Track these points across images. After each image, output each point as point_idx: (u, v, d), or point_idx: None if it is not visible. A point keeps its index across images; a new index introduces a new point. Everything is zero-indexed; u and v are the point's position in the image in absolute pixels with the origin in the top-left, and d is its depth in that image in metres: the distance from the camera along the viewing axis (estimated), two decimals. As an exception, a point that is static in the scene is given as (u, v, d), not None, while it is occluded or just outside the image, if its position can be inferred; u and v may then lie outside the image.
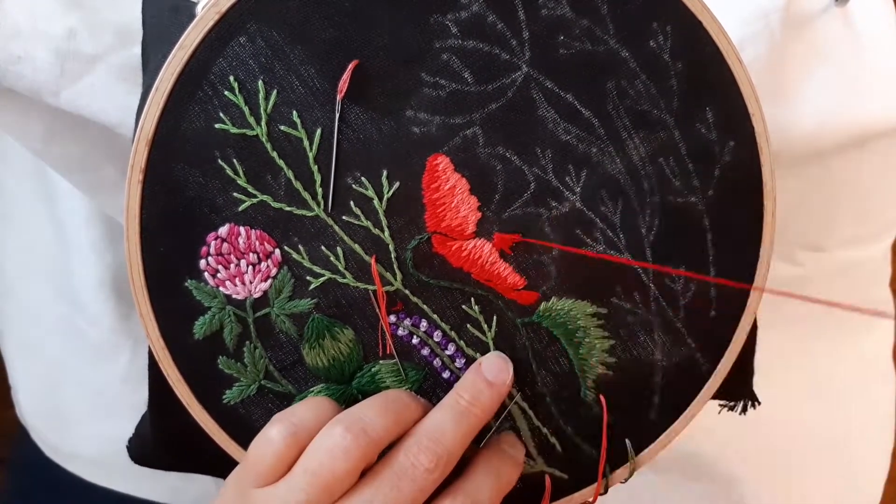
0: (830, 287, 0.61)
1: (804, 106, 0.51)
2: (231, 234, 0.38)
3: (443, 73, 0.38)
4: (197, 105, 0.37)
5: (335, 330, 0.40)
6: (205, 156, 0.38)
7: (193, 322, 0.39)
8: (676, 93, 0.39)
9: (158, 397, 0.42)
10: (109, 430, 0.60)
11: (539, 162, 0.39)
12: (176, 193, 0.38)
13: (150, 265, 0.39)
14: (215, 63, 0.37)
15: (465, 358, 0.41)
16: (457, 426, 0.37)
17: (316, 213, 0.38)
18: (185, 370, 0.40)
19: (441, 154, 0.38)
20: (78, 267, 0.60)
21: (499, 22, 0.37)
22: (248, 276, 0.39)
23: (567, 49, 0.38)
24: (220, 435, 0.41)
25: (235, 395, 0.40)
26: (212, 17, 0.37)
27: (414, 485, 0.36)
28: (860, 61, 0.52)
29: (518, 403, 0.41)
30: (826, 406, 0.64)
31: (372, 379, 0.40)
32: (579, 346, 0.41)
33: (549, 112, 0.38)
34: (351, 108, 0.38)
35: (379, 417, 0.37)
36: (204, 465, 0.44)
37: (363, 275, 0.39)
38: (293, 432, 0.37)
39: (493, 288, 0.40)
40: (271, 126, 0.37)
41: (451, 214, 0.39)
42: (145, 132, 0.37)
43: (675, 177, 0.40)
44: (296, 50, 0.37)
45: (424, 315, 0.40)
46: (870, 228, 0.61)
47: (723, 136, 0.40)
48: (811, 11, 0.51)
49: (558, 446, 0.42)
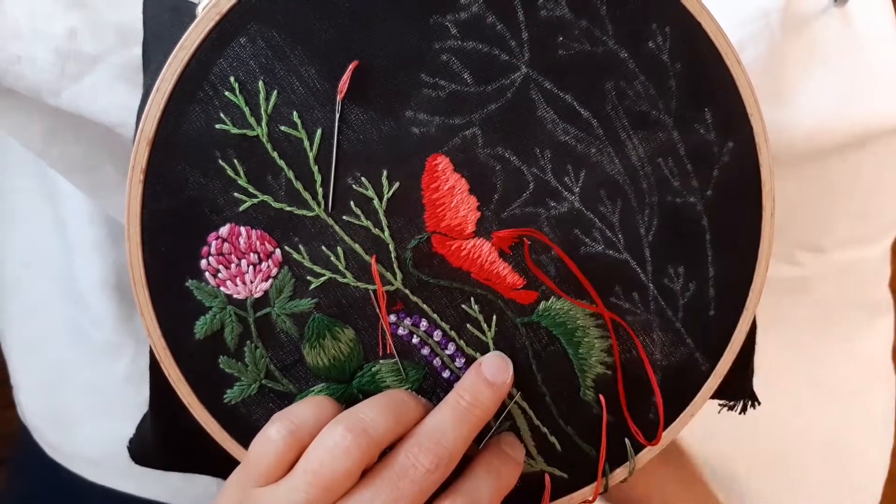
0: (830, 287, 0.62)
1: (804, 106, 0.51)
2: (232, 234, 0.39)
3: (442, 74, 0.38)
4: (198, 105, 0.37)
5: (336, 329, 0.40)
6: (205, 156, 0.38)
7: (194, 322, 0.39)
8: (675, 93, 0.39)
9: (160, 397, 0.42)
10: (111, 429, 0.60)
11: (538, 162, 0.39)
12: (177, 194, 0.38)
13: (152, 265, 0.39)
14: (216, 63, 0.37)
15: (465, 357, 0.41)
16: (457, 426, 0.37)
17: (316, 213, 0.39)
18: (186, 370, 0.40)
19: (441, 154, 0.38)
20: (80, 267, 0.60)
21: (498, 23, 0.37)
22: (248, 276, 0.39)
23: (566, 50, 0.38)
24: (221, 435, 0.41)
25: (236, 394, 0.40)
26: (212, 17, 0.37)
27: (414, 485, 0.36)
28: (860, 61, 0.52)
29: (518, 403, 0.41)
30: (826, 406, 0.64)
31: (372, 378, 0.41)
32: (579, 346, 0.41)
33: (548, 112, 0.38)
34: (351, 109, 0.38)
35: (380, 417, 0.37)
36: (205, 465, 0.44)
37: (363, 274, 0.39)
38: (292, 431, 0.37)
39: (493, 287, 0.40)
40: (272, 126, 0.38)
41: (451, 214, 0.39)
42: (146, 132, 0.37)
43: (674, 177, 0.40)
44: (296, 50, 0.37)
45: (424, 314, 0.40)
46: (869, 228, 0.61)
47: (721, 136, 0.40)
48: (810, 12, 0.51)
49: (558, 446, 0.42)
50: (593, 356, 0.41)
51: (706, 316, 0.41)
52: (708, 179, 0.40)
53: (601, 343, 0.41)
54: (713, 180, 0.40)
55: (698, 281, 0.41)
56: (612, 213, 0.40)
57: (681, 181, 0.40)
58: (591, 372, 0.41)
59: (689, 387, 0.42)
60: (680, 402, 0.42)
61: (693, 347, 0.42)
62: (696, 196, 0.40)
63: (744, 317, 0.42)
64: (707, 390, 0.42)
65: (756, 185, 0.41)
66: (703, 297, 0.41)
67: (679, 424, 0.43)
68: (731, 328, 0.42)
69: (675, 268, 0.41)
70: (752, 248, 0.41)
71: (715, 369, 0.42)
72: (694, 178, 0.40)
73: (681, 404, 0.42)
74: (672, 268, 0.41)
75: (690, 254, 0.41)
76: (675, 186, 0.40)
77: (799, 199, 0.55)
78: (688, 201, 0.40)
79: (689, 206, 0.40)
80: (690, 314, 0.41)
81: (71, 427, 0.64)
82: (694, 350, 0.42)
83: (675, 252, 0.40)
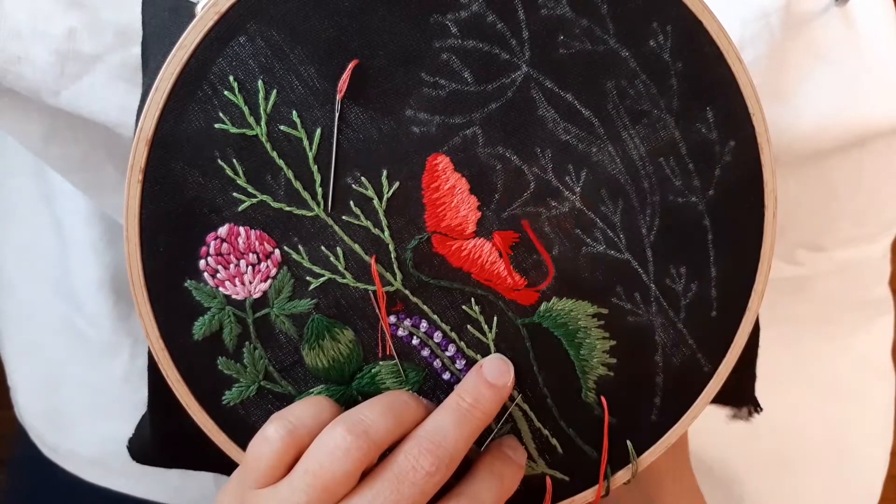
0: (830, 286, 0.62)
1: (804, 106, 0.51)
2: (231, 234, 0.38)
3: (442, 73, 0.38)
4: (196, 105, 0.37)
5: (335, 330, 0.40)
6: (204, 156, 0.38)
7: (193, 322, 0.39)
8: (676, 92, 0.39)
9: (158, 398, 0.42)
10: (109, 429, 0.60)
11: (539, 161, 0.39)
12: (176, 193, 0.38)
13: (150, 265, 0.38)
14: (215, 63, 0.37)
15: (466, 359, 0.41)
16: (458, 428, 0.37)
17: (316, 213, 0.38)
18: (185, 371, 0.40)
19: (441, 154, 0.38)
20: (77, 266, 0.60)
21: (498, 22, 0.37)
22: (247, 277, 0.39)
23: (567, 49, 0.38)
24: (220, 436, 0.41)
25: (235, 395, 0.40)
26: (211, 17, 0.36)
27: (415, 487, 0.36)
28: (860, 61, 0.52)
29: (519, 405, 0.41)
30: (826, 405, 0.64)
31: (372, 380, 0.40)
32: (580, 347, 0.41)
33: (548, 112, 0.38)
34: (351, 108, 0.37)
35: (381, 419, 0.37)
36: (206, 463, 0.44)
37: (363, 275, 0.39)
38: (291, 430, 0.37)
39: (494, 288, 0.40)
40: (271, 126, 0.37)
41: (451, 214, 0.39)
42: (145, 132, 0.37)
43: (676, 176, 0.40)
44: (295, 50, 0.37)
45: (424, 316, 0.40)
46: (869, 228, 0.61)
47: (723, 135, 0.40)
48: (811, 11, 0.51)
49: (559, 448, 0.42)
50: (595, 357, 0.41)
51: (708, 316, 0.41)
52: (710, 179, 0.40)
53: (603, 344, 0.41)
54: (715, 180, 0.40)
55: (700, 281, 0.41)
56: (613, 213, 0.40)
57: (682, 181, 0.40)
58: (592, 373, 0.41)
59: (692, 388, 0.42)
60: (682, 403, 0.42)
61: (695, 348, 0.42)
62: (697, 195, 0.40)
63: (746, 317, 0.42)
64: (709, 392, 0.42)
65: (758, 184, 0.40)
66: (706, 298, 0.41)
67: (681, 426, 0.42)
68: (733, 329, 0.42)
69: (677, 268, 0.41)
70: (754, 248, 0.41)
71: (717, 371, 0.42)
72: (696, 178, 0.40)
73: (683, 406, 0.42)
74: (674, 268, 0.41)
75: (692, 254, 0.41)
76: (676, 186, 0.40)
77: (799, 198, 0.55)
78: (689, 201, 0.40)
79: (691, 205, 0.40)
80: (692, 315, 0.41)
81: (68, 427, 0.64)
82: (696, 351, 0.42)
83: (676, 252, 0.40)
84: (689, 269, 0.41)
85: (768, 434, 0.62)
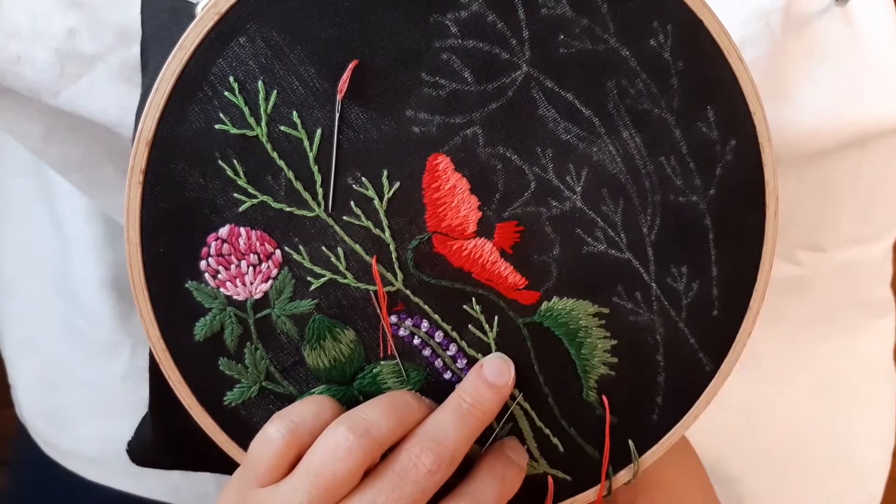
0: (831, 287, 0.61)
1: (804, 106, 0.51)
2: (231, 234, 0.38)
3: (443, 73, 0.38)
4: (197, 106, 0.37)
5: (336, 331, 0.40)
6: (205, 156, 0.38)
7: (194, 323, 0.39)
8: (677, 91, 0.39)
9: (159, 399, 0.42)
10: (109, 428, 0.60)
11: (539, 161, 0.39)
12: (176, 194, 0.38)
13: (151, 266, 0.38)
14: (215, 63, 0.37)
15: (467, 359, 0.41)
16: (459, 428, 0.37)
17: (316, 213, 0.38)
18: (186, 372, 0.40)
19: (441, 154, 0.38)
20: (77, 266, 0.60)
21: (499, 21, 0.37)
22: (248, 277, 0.39)
23: (567, 48, 0.38)
24: (221, 437, 0.41)
25: (236, 396, 0.40)
26: (211, 17, 0.36)
27: (416, 485, 0.36)
28: (860, 61, 0.52)
29: (520, 404, 0.41)
30: (827, 405, 0.64)
31: (373, 380, 0.40)
32: (581, 347, 0.41)
33: (549, 111, 0.38)
34: (351, 108, 0.37)
35: (383, 418, 0.37)
36: (207, 464, 0.44)
37: (364, 275, 0.39)
38: (292, 429, 0.37)
39: (495, 288, 0.40)
40: (271, 126, 0.37)
41: (452, 214, 0.39)
42: (145, 133, 0.37)
43: (677, 176, 0.40)
44: (296, 50, 0.37)
45: (425, 315, 0.40)
46: (870, 228, 0.61)
47: (724, 134, 0.40)
48: (811, 11, 0.51)
49: (561, 447, 0.42)
50: (596, 357, 0.41)
51: (710, 316, 0.41)
52: (711, 178, 0.40)
53: (604, 343, 0.41)
54: (716, 179, 0.40)
55: (702, 280, 0.41)
56: (614, 213, 0.40)
57: (683, 180, 0.40)
58: (593, 373, 0.41)
59: (693, 388, 0.42)
60: (684, 403, 0.42)
61: (696, 348, 0.42)
62: (698, 195, 0.40)
63: (748, 317, 0.42)
64: (711, 391, 0.42)
65: (759, 183, 0.40)
66: (707, 297, 0.41)
67: (683, 426, 0.42)
68: (735, 328, 0.42)
69: (679, 267, 0.41)
70: (755, 248, 0.41)
71: (719, 370, 0.42)
72: (697, 177, 0.40)
73: (684, 406, 0.42)
74: (675, 267, 0.41)
75: (694, 253, 0.40)
76: (677, 185, 0.40)
77: (800, 198, 0.55)
78: (690, 200, 0.40)
79: (692, 204, 0.40)
80: (694, 314, 0.41)
81: (69, 426, 0.64)
82: (697, 350, 0.42)
83: (678, 251, 0.40)
84: (691, 268, 0.41)
85: (769, 434, 0.62)
